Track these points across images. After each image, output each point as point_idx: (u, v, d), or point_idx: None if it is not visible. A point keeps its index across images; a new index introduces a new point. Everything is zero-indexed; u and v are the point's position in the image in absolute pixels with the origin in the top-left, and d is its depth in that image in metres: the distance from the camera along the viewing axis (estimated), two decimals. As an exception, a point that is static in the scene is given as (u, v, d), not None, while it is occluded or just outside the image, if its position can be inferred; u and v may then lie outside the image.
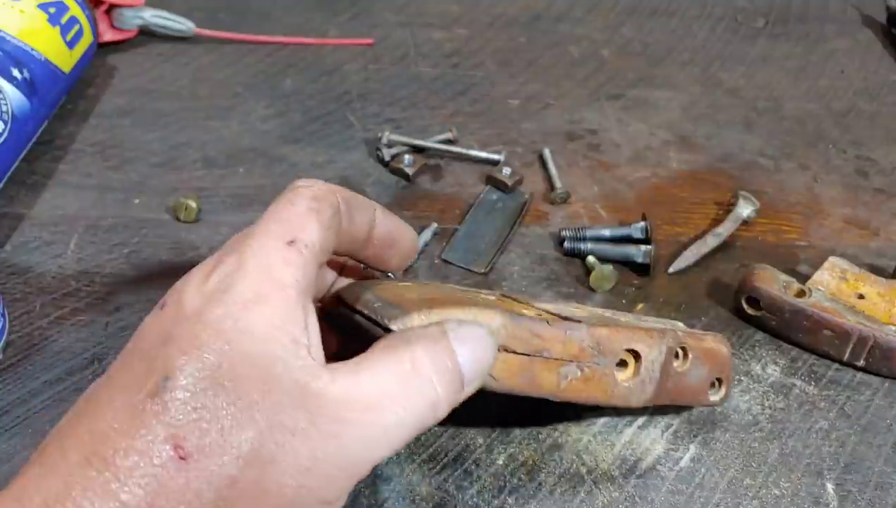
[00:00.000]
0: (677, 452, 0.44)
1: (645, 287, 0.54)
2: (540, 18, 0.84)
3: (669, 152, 0.67)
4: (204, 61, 0.73)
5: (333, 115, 0.68)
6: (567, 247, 0.55)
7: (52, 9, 0.62)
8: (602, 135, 0.68)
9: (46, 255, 0.53)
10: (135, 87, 0.69)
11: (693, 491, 0.43)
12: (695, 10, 0.87)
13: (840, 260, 0.53)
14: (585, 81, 0.75)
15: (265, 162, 0.62)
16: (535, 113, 0.70)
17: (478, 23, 0.82)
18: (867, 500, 0.43)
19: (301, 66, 0.74)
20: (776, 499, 0.42)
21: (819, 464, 0.44)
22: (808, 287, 0.50)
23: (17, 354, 0.47)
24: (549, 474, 0.43)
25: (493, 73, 0.75)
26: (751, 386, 0.48)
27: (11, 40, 0.58)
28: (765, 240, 0.59)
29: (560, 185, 0.61)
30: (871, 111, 0.74)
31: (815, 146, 0.69)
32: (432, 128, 0.67)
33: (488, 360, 0.33)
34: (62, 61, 0.62)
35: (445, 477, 0.42)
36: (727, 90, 0.75)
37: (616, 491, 0.42)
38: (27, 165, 0.60)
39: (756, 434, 0.46)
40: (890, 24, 0.85)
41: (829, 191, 0.64)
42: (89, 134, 0.64)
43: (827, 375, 0.49)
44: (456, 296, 0.38)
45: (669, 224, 0.59)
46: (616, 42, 0.81)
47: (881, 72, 0.79)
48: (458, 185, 0.62)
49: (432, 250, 0.56)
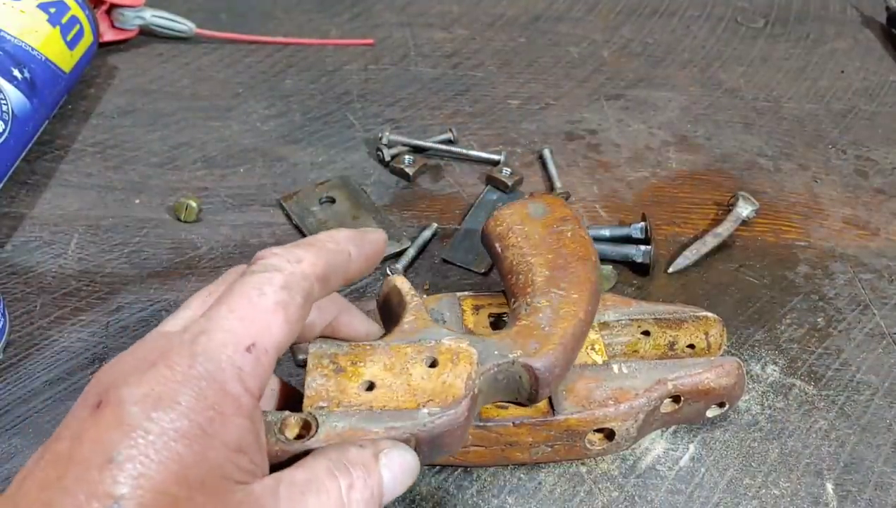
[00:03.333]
0: (677, 452, 0.44)
1: (644, 287, 0.54)
2: (540, 18, 0.84)
3: (669, 152, 0.67)
4: (204, 61, 0.73)
5: (334, 115, 0.68)
6: (567, 247, 0.56)
7: (53, 9, 0.62)
8: (602, 135, 0.68)
9: (47, 255, 0.53)
10: (135, 87, 0.69)
11: (693, 491, 0.43)
12: (695, 10, 0.87)
13: (324, 346, 0.37)
14: (585, 81, 0.75)
15: (265, 162, 0.62)
16: (535, 113, 0.70)
17: (478, 23, 0.82)
18: (867, 500, 0.43)
19: (301, 66, 0.74)
20: (776, 499, 0.43)
21: (818, 464, 0.44)
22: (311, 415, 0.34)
23: (18, 354, 0.47)
24: (548, 473, 0.43)
25: (493, 73, 0.75)
26: (750, 386, 0.48)
27: (12, 40, 0.58)
28: (764, 240, 0.59)
29: (560, 185, 0.61)
30: (870, 111, 0.74)
31: (814, 146, 0.69)
32: (432, 128, 0.67)
33: (409, 482, 0.33)
34: (63, 61, 0.62)
35: (445, 477, 0.43)
36: (727, 90, 0.75)
37: (616, 491, 0.42)
38: (28, 165, 0.60)
39: (755, 434, 0.46)
40: (890, 25, 0.85)
41: (829, 191, 0.64)
42: (90, 134, 0.64)
43: (826, 375, 0.49)
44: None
45: (669, 224, 0.59)
46: (616, 42, 0.81)
47: (881, 72, 0.79)
48: (458, 185, 0.62)
49: (432, 250, 0.56)
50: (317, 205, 0.58)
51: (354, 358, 0.36)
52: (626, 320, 0.46)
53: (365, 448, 0.32)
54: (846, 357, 0.50)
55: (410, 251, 0.54)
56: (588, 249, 0.43)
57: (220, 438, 0.28)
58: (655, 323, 0.46)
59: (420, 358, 0.36)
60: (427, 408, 0.34)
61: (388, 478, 0.32)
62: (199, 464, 0.27)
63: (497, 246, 0.45)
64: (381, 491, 0.32)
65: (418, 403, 0.34)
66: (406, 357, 0.36)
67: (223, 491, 0.28)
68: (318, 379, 0.35)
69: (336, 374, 0.35)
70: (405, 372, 0.36)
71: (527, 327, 0.39)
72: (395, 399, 0.34)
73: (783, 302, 0.54)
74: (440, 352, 0.36)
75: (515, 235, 0.44)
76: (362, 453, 0.32)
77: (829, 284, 0.55)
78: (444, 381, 0.35)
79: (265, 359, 0.29)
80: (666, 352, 0.47)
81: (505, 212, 0.45)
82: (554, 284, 0.41)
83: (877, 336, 0.52)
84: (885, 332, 0.52)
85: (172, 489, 0.26)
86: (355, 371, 0.35)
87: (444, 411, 0.34)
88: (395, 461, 0.32)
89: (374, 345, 0.37)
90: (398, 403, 0.34)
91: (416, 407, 0.34)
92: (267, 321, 0.29)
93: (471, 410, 0.35)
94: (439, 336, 0.37)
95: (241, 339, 0.29)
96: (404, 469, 0.33)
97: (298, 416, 0.33)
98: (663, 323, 0.46)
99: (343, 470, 0.31)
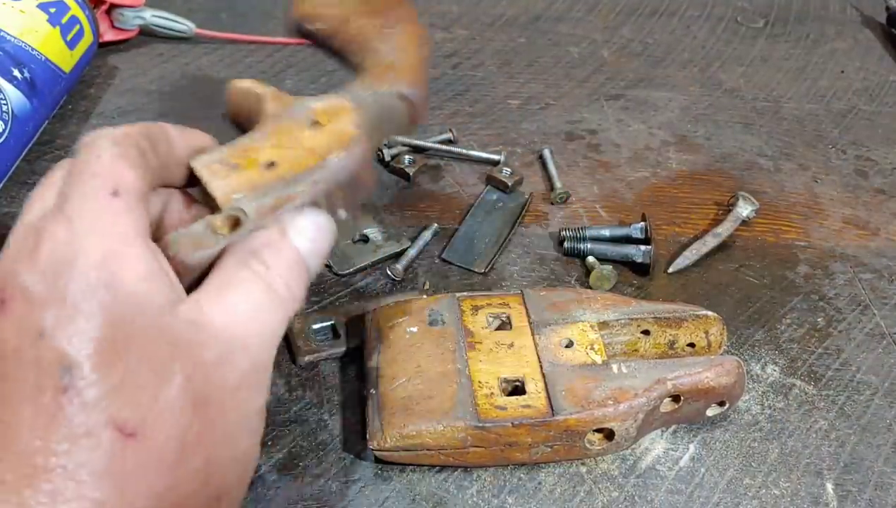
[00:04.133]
0: (677, 452, 0.44)
1: (644, 287, 0.54)
2: (540, 19, 0.84)
3: (669, 152, 0.67)
4: (204, 61, 0.73)
5: (333, 115, 0.68)
6: (567, 247, 0.56)
7: (53, 9, 0.62)
8: (602, 135, 0.68)
9: (47, 255, 0.53)
10: (135, 87, 0.69)
11: (692, 491, 0.43)
12: (695, 10, 0.87)
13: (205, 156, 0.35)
14: (585, 82, 0.75)
15: (265, 162, 0.62)
16: (535, 113, 0.70)
17: (478, 23, 0.82)
18: (867, 500, 0.43)
19: (301, 66, 0.74)
20: (775, 499, 0.42)
21: (818, 464, 0.44)
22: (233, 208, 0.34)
23: (18, 354, 0.47)
24: (548, 473, 0.43)
25: (493, 73, 0.75)
26: (750, 385, 0.48)
27: (12, 40, 0.58)
28: (764, 240, 0.59)
29: (560, 185, 0.61)
30: (870, 111, 0.74)
31: (814, 146, 0.69)
32: (432, 128, 0.67)
33: (328, 242, 0.34)
34: (63, 61, 0.62)
35: (445, 477, 0.43)
36: (727, 90, 0.75)
37: (615, 491, 0.42)
38: (28, 165, 0.60)
39: (755, 434, 0.46)
40: (890, 25, 0.85)
41: (829, 191, 0.64)
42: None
43: (826, 375, 0.49)
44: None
45: (669, 224, 0.59)
46: (616, 42, 0.81)
47: (881, 72, 0.79)
48: (458, 185, 0.62)
49: (432, 250, 0.56)
50: (317, 205, 0.58)
51: (242, 152, 0.36)
52: (626, 319, 0.46)
53: (267, 228, 0.33)
54: (846, 357, 0.50)
55: (410, 251, 0.54)
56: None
57: (127, 274, 0.28)
58: (655, 323, 0.46)
59: (302, 126, 0.37)
60: (333, 156, 0.36)
61: (304, 245, 0.33)
62: (121, 303, 0.28)
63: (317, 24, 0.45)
64: (302, 259, 0.33)
65: (322, 156, 0.36)
66: (289, 130, 0.37)
67: (154, 321, 0.28)
68: (218, 181, 0.34)
69: (234, 170, 0.35)
70: (296, 141, 0.36)
71: (381, 67, 0.41)
72: (300, 163, 0.35)
73: (783, 302, 0.54)
74: (317, 114, 0.37)
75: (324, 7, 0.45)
76: (266, 233, 0.33)
77: (829, 284, 0.55)
78: (334, 131, 0.37)
79: (132, 199, 0.30)
80: (666, 351, 0.47)
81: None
82: (382, 27, 0.43)
83: (877, 336, 0.52)
84: (885, 332, 0.52)
85: (108, 333, 0.27)
86: (249, 160, 0.35)
87: (349, 151, 0.36)
88: (305, 226, 0.33)
89: (251, 135, 0.37)
90: (305, 164, 0.35)
91: (322, 159, 0.36)
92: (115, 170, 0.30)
93: (370, 145, 0.38)
94: (308, 102, 0.38)
95: (102, 189, 0.29)
96: (318, 229, 0.34)
97: (222, 215, 0.33)
98: (663, 322, 0.46)
99: (252, 256, 0.32)
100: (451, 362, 0.43)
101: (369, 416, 0.42)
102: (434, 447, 0.40)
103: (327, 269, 0.53)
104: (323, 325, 0.49)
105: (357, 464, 0.43)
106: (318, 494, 0.41)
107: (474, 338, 0.44)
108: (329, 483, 0.42)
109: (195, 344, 0.29)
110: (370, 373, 0.43)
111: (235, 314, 0.31)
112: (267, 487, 0.41)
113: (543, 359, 0.43)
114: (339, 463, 0.43)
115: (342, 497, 0.41)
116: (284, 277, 0.32)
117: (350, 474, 0.42)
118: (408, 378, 0.42)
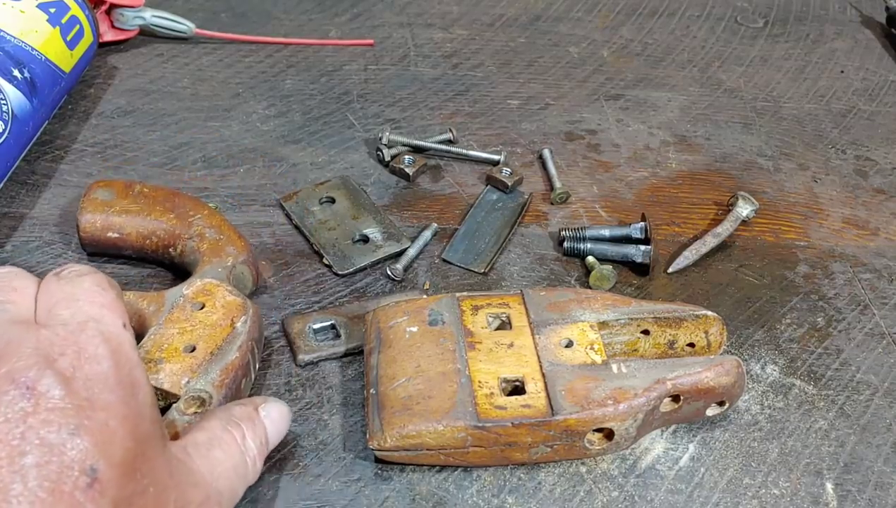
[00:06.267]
0: (676, 451, 0.44)
1: (644, 287, 0.54)
2: (540, 19, 0.84)
3: (669, 152, 0.67)
4: (204, 61, 0.73)
5: (334, 116, 0.68)
6: (567, 247, 0.56)
7: (53, 9, 0.62)
8: (601, 135, 0.68)
9: (47, 255, 0.54)
10: (135, 88, 0.70)
11: (692, 491, 0.43)
12: (695, 10, 0.87)
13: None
14: (585, 82, 0.75)
15: (265, 162, 0.62)
16: (535, 113, 0.70)
17: (478, 23, 0.82)
18: (867, 500, 0.43)
19: (301, 66, 0.74)
20: (775, 499, 0.43)
21: (818, 464, 0.44)
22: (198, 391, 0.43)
23: (18, 354, 0.47)
24: (548, 473, 0.43)
25: (492, 73, 0.75)
26: (750, 385, 0.48)
27: (12, 40, 0.58)
28: (764, 240, 0.59)
29: (559, 185, 0.61)
30: (870, 111, 0.74)
31: (814, 146, 0.69)
32: (432, 128, 0.67)
33: (285, 426, 0.40)
34: (62, 61, 0.62)
35: (445, 476, 0.43)
36: (726, 90, 0.75)
37: (615, 491, 0.42)
38: (28, 165, 0.60)
39: (755, 434, 0.46)
40: (890, 24, 0.85)
41: (829, 191, 0.64)
42: (90, 134, 0.64)
43: (826, 375, 0.49)
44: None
45: (669, 224, 0.59)
46: (616, 42, 0.81)
47: (881, 72, 0.79)
48: (457, 185, 0.62)
49: (432, 250, 0.56)
50: (317, 206, 0.58)
51: (157, 347, 0.42)
52: (626, 319, 0.46)
53: (245, 405, 0.39)
54: (846, 357, 0.50)
55: (410, 251, 0.54)
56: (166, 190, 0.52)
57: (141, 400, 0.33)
58: (655, 322, 0.46)
59: (190, 310, 0.44)
60: (238, 323, 0.43)
61: (269, 426, 0.39)
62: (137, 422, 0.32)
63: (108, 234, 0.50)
64: (267, 438, 0.39)
65: (232, 325, 0.43)
66: (184, 317, 0.43)
67: (157, 447, 0.33)
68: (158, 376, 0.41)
69: (164, 363, 0.41)
70: (197, 323, 0.43)
71: (209, 245, 0.48)
72: (215, 337, 0.42)
73: (783, 301, 0.54)
74: (196, 297, 0.44)
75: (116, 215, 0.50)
76: (245, 409, 0.39)
77: (828, 284, 0.55)
78: (223, 304, 0.44)
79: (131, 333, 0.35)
80: (666, 351, 0.47)
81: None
82: (186, 215, 0.50)
83: (877, 336, 0.52)
84: (885, 332, 0.52)
85: (129, 444, 0.31)
86: (169, 350, 0.42)
87: (247, 314, 0.44)
88: (272, 411, 0.39)
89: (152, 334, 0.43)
90: (221, 336, 0.43)
91: (232, 328, 0.43)
92: (121, 307, 0.35)
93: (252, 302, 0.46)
94: (181, 291, 0.45)
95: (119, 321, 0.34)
96: (281, 416, 0.40)
97: (185, 401, 0.40)
98: (663, 322, 0.46)
99: (234, 425, 0.37)
100: (451, 362, 0.43)
101: (369, 416, 0.42)
102: (434, 447, 0.40)
103: (327, 269, 0.54)
104: (323, 325, 0.49)
105: (357, 464, 0.43)
106: (318, 494, 0.41)
107: (474, 338, 0.44)
108: (329, 483, 0.42)
109: (188, 484, 0.34)
110: (370, 373, 0.43)
111: (217, 468, 0.36)
112: (267, 487, 0.41)
113: (543, 359, 0.43)
114: (339, 463, 0.43)
115: (342, 497, 0.41)
116: (253, 450, 0.38)
117: (350, 474, 0.42)
118: (408, 378, 0.42)
